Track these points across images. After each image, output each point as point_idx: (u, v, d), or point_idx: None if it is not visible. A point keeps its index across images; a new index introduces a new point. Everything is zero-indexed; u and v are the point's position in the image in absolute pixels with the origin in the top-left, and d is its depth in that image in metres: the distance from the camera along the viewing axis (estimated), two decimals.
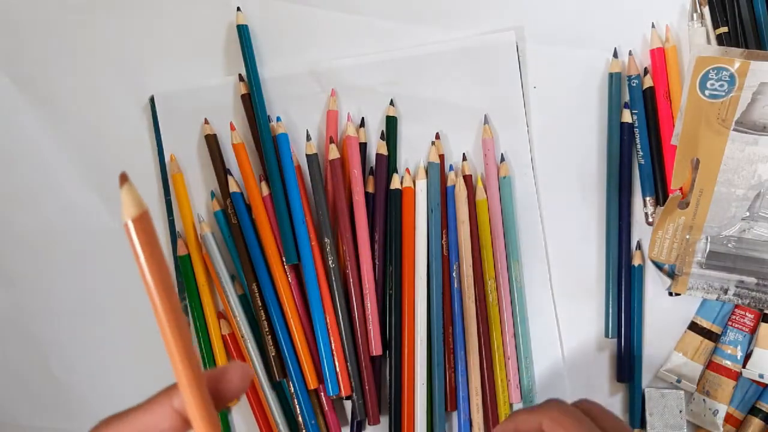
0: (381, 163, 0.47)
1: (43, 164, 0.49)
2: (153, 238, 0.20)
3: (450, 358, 0.46)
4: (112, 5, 0.49)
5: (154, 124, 0.48)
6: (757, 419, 0.45)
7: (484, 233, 0.46)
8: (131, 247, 0.20)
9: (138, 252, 0.20)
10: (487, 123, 0.47)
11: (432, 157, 0.47)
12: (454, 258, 0.46)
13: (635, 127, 0.47)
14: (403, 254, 0.46)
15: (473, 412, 0.46)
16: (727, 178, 0.43)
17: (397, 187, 0.47)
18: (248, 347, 0.46)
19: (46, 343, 0.49)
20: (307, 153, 0.46)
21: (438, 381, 0.45)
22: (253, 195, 0.46)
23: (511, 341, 0.46)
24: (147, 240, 0.20)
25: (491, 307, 0.46)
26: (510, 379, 0.46)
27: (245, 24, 0.48)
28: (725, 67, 0.43)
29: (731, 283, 0.45)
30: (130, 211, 0.19)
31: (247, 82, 0.47)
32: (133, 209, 0.19)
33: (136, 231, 0.20)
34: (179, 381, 0.21)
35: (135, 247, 0.20)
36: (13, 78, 0.49)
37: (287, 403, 0.47)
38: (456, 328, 0.46)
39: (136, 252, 0.20)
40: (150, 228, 0.20)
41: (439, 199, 0.47)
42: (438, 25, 0.49)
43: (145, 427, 0.21)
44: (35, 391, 0.49)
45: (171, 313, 0.21)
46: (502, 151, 0.48)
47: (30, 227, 0.49)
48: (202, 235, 0.47)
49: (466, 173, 0.47)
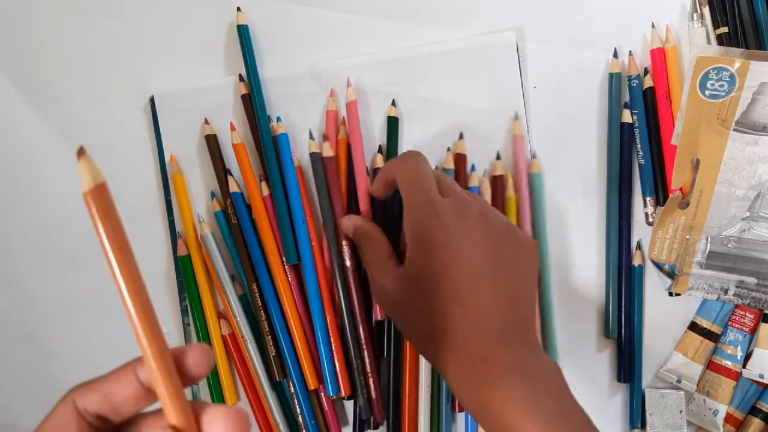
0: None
1: (43, 164, 0.49)
2: (111, 209, 0.21)
3: None
4: (112, 5, 0.49)
5: (154, 124, 0.48)
6: (757, 419, 0.45)
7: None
8: (90, 218, 0.20)
9: (96, 222, 0.21)
10: (517, 119, 0.47)
11: (448, 162, 0.47)
12: None
13: (635, 127, 0.47)
14: None
15: None
16: (727, 178, 0.43)
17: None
18: (248, 347, 0.46)
19: (46, 343, 0.49)
20: (311, 151, 0.46)
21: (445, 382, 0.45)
22: (253, 195, 0.46)
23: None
24: (105, 211, 0.21)
25: None
26: None
27: (245, 24, 0.48)
28: (725, 67, 0.43)
29: (731, 284, 0.45)
30: (88, 183, 0.20)
31: (247, 82, 0.47)
32: (90, 181, 0.21)
33: (94, 202, 0.21)
34: (143, 350, 0.22)
35: (93, 218, 0.21)
36: (13, 78, 0.49)
37: (287, 403, 0.47)
38: None
39: (95, 222, 0.21)
40: (108, 199, 0.21)
41: None
42: (438, 25, 0.49)
43: (110, 393, 0.23)
44: (35, 391, 0.49)
45: (131, 283, 0.21)
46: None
47: (30, 227, 0.49)
48: (202, 236, 0.47)
49: (498, 173, 0.47)
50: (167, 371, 0.22)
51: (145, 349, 0.22)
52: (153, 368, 0.22)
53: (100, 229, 0.21)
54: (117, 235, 0.21)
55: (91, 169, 0.21)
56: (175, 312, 0.48)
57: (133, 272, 0.22)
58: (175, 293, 0.48)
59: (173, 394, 0.22)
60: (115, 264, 0.21)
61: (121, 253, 0.21)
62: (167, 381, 0.22)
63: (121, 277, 0.21)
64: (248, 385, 0.47)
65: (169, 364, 0.22)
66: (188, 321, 0.47)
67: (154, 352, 0.22)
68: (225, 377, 0.47)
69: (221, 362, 0.47)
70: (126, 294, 0.21)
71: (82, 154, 0.21)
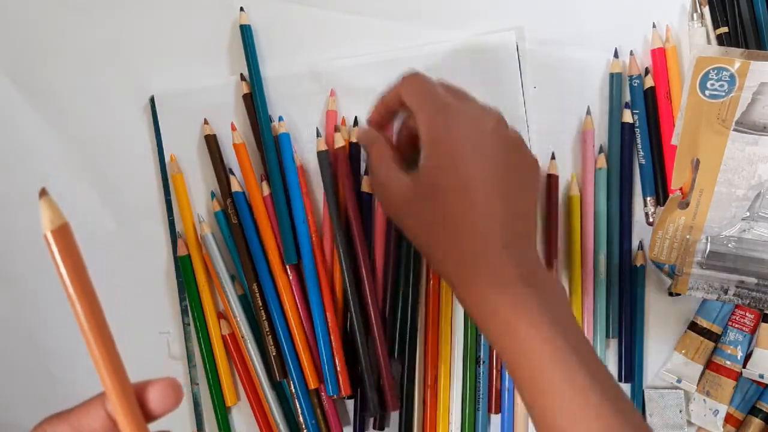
0: None
1: (43, 164, 0.49)
2: (73, 249, 0.21)
3: (497, 361, 0.46)
4: (112, 5, 0.49)
5: (154, 124, 0.48)
6: (757, 419, 0.45)
7: (574, 229, 0.46)
8: (51, 258, 0.21)
9: (58, 263, 0.21)
10: (589, 114, 0.47)
11: None
12: None
13: (636, 127, 0.47)
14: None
15: (517, 415, 0.46)
16: (727, 178, 0.43)
17: None
18: (248, 347, 0.46)
19: (46, 343, 0.49)
20: (318, 149, 0.46)
21: (483, 382, 0.46)
22: (254, 195, 0.46)
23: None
24: (67, 251, 0.21)
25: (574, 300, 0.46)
26: None
27: (248, 24, 0.48)
28: (725, 67, 0.43)
29: (731, 283, 0.45)
30: (48, 224, 0.21)
31: (249, 82, 0.47)
32: (51, 222, 0.21)
33: (55, 242, 0.21)
34: (105, 387, 0.23)
35: (54, 258, 0.21)
36: (13, 78, 0.49)
37: (287, 403, 0.47)
38: None
39: (56, 263, 0.21)
40: (70, 240, 0.21)
41: None
42: (438, 25, 0.49)
43: (80, 426, 0.23)
44: (35, 391, 0.49)
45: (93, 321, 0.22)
46: None
47: (30, 227, 0.49)
48: (202, 236, 0.47)
49: (552, 172, 0.47)
50: (129, 408, 0.23)
51: (107, 386, 0.22)
52: (115, 404, 0.23)
53: (61, 269, 0.21)
54: (80, 275, 0.22)
55: (52, 210, 0.21)
56: (175, 312, 0.48)
57: (95, 310, 0.22)
58: (175, 293, 0.48)
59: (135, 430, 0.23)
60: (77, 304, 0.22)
61: (84, 295, 0.22)
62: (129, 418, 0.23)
63: (83, 316, 0.22)
64: (248, 385, 0.47)
65: (131, 400, 0.23)
66: (188, 321, 0.47)
67: (116, 388, 0.22)
68: (225, 377, 0.47)
69: (221, 362, 0.47)
70: (88, 332, 0.22)
71: (43, 195, 0.21)
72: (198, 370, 0.48)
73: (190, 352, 0.48)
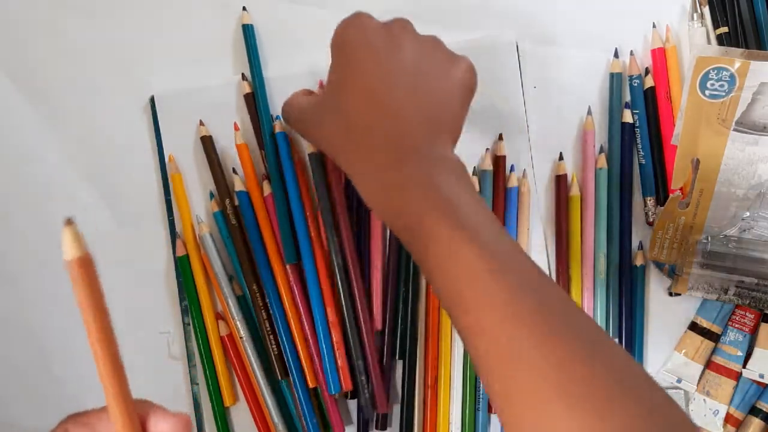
0: None
1: (43, 164, 0.49)
2: (94, 281, 0.22)
3: None
4: (112, 5, 0.49)
5: (154, 124, 0.48)
6: (757, 419, 0.45)
7: (574, 229, 0.47)
8: (72, 285, 0.22)
9: (78, 290, 0.22)
10: (590, 114, 0.47)
11: (485, 164, 0.47)
12: None
13: (636, 127, 0.47)
14: None
15: None
16: (727, 178, 0.44)
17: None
18: (246, 348, 0.46)
19: (46, 343, 0.49)
20: (309, 152, 0.46)
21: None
22: (255, 195, 0.46)
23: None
24: (89, 282, 0.22)
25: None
26: None
27: (251, 23, 0.48)
28: (725, 67, 0.43)
29: (731, 283, 0.45)
30: (71, 253, 0.22)
31: (251, 81, 0.47)
32: (74, 251, 0.22)
33: (77, 270, 0.22)
34: (110, 413, 0.24)
35: (76, 286, 0.22)
36: (13, 78, 0.49)
37: (286, 404, 0.47)
38: None
39: (78, 291, 0.22)
40: (92, 270, 0.22)
41: (491, 205, 0.47)
42: (438, 25, 0.48)
43: (95, 428, 0.25)
44: (35, 391, 0.49)
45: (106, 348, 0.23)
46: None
47: (30, 227, 0.49)
48: (201, 236, 0.47)
49: (561, 173, 0.47)
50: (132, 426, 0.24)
51: (112, 411, 0.24)
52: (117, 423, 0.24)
53: (82, 297, 0.22)
54: (99, 305, 0.23)
55: (75, 240, 0.23)
56: (175, 312, 0.48)
57: (109, 335, 0.23)
58: (176, 293, 0.48)
59: None
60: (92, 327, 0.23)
61: (100, 323, 0.23)
62: None
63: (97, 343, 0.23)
64: (246, 385, 0.47)
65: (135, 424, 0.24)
66: (188, 321, 0.47)
67: (122, 413, 0.23)
68: (223, 378, 0.47)
69: (219, 363, 0.47)
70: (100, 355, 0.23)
71: (69, 224, 0.23)
72: (198, 371, 0.48)
73: (190, 352, 0.48)
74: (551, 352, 0.28)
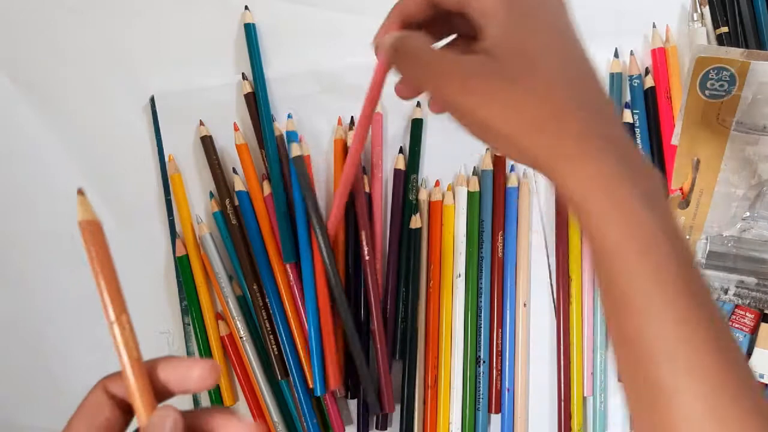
0: (398, 175, 0.47)
1: (43, 164, 0.49)
2: (103, 243, 0.24)
3: (497, 361, 0.46)
4: (113, 5, 0.49)
5: (154, 124, 0.48)
6: None
7: (574, 229, 0.46)
8: (84, 247, 0.23)
9: (90, 251, 0.24)
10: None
11: (486, 164, 0.47)
12: (510, 260, 0.47)
13: (636, 127, 0.47)
14: (431, 259, 0.46)
15: (517, 414, 0.46)
16: (727, 178, 0.43)
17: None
18: (246, 348, 0.46)
19: (46, 343, 0.49)
20: (293, 155, 0.46)
21: (483, 382, 0.46)
22: (255, 195, 0.46)
23: (589, 344, 0.46)
24: (98, 241, 0.24)
25: (575, 303, 0.46)
26: (585, 370, 0.46)
27: (252, 23, 0.48)
28: (725, 67, 0.43)
29: (731, 283, 0.45)
30: (83, 215, 0.24)
31: (252, 81, 0.47)
32: (86, 214, 0.24)
33: (88, 230, 0.24)
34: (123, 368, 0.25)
35: (86, 245, 0.24)
36: (13, 78, 0.49)
37: (285, 404, 0.47)
38: (505, 330, 0.46)
39: (88, 250, 0.24)
40: (101, 233, 0.24)
41: (491, 205, 0.47)
42: None
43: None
44: (35, 391, 0.49)
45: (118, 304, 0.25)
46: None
47: (30, 227, 0.49)
48: (201, 236, 0.47)
49: None
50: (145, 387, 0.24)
51: (125, 368, 0.24)
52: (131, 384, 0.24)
53: (93, 256, 0.24)
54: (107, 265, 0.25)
55: (88, 205, 0.24)
56: (175, 312, 0.48)
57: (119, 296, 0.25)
58: (176, 293, 0.48)
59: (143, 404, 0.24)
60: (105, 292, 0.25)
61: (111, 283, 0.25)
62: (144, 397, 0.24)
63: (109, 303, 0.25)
64: (247, 386, 0.47)
65: (146, 382, 0.25)
66: (188, 321, 0.47)
67: (135, 371, 0.24)
68: (223, 378, 0.47)
69: (220, 364, 0.47)
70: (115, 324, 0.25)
71: (81, 194, 0.24)
72: None
73: (190, 352, 0.48)
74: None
